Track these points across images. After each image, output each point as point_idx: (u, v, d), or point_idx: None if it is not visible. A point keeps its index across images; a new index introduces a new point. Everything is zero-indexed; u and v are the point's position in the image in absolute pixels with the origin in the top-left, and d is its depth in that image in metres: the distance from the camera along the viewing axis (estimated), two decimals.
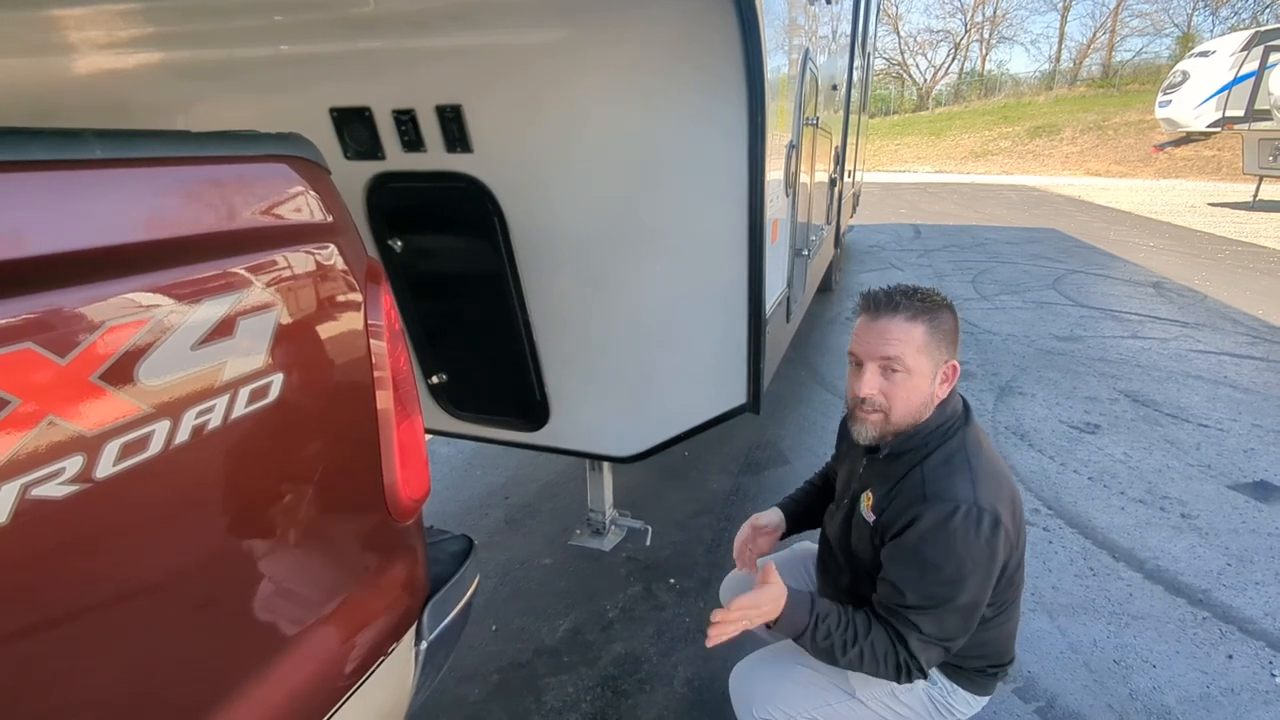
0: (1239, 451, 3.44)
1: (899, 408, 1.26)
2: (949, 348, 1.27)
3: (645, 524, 2.72)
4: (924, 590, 1.19)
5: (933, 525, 1.17)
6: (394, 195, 1.95)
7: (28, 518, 0.60)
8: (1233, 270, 7.78)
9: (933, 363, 1.25)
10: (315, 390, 0.93)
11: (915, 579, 1.20)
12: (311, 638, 0.97)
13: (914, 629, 1.20)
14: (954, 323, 1.29)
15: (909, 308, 1.24)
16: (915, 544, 1.19)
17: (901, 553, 1.22)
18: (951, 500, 1.18)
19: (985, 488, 1.20)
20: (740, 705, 1.45)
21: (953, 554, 1.16)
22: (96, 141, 0.68)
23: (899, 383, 1.25)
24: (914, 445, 1.29)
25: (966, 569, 1.17)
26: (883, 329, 1.25)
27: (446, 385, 2.35)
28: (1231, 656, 2.12)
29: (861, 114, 6.97)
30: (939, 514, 1.17)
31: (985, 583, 1.20)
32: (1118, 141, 22.51)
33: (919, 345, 1.23)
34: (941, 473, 1.23)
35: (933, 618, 1.19)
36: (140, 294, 0.69)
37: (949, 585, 1.17)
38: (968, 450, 1.26)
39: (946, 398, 1.30)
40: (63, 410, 0.62)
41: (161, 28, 1.70)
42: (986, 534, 1.17)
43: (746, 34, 1.48)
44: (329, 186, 0.98)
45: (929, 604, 1.19)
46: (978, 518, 1.16)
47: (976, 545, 1.16)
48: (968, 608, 1.20)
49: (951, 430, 1.29)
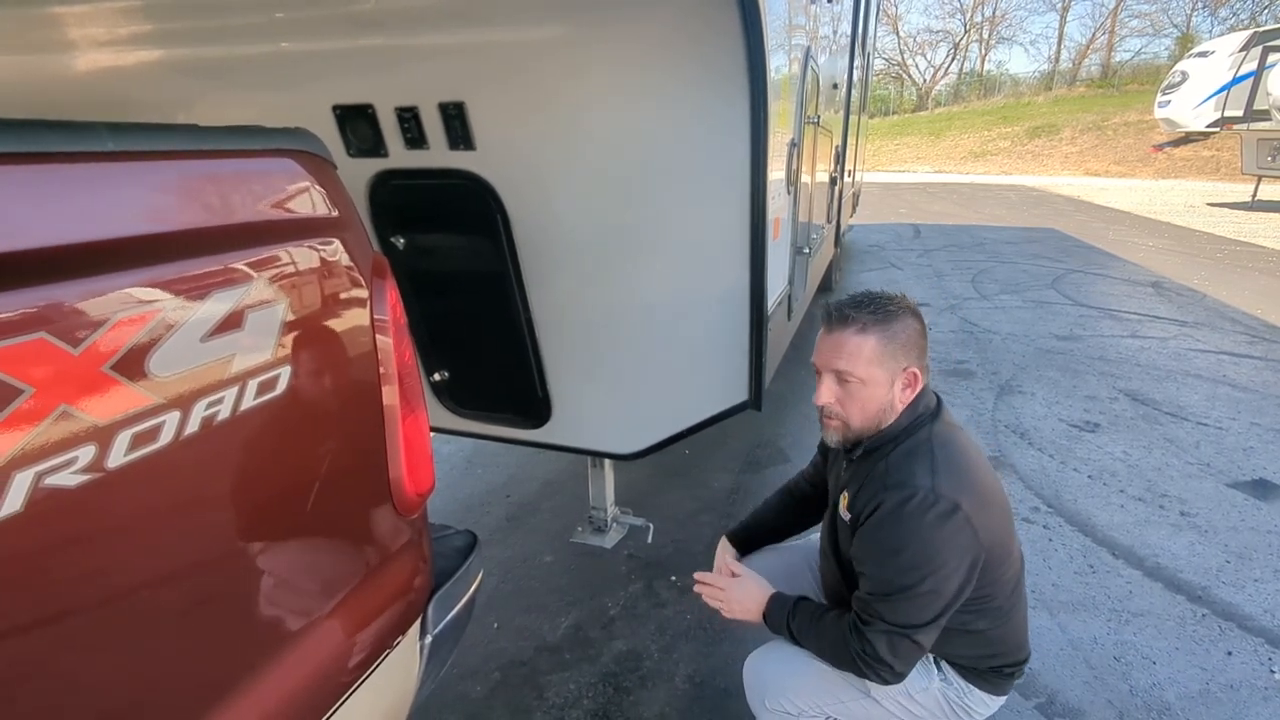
0: (1238, 450, 3.45)
1: (855, 415, 1.31)
2: (906, 355, 1.29)
3: (647, 521, 2.73)
4: (883, 576, 1.22)
5: (889, 511, 1.21)
6: (397, 193, 1.95)
7: (41, 506, 0.61)
8: (1231, 270, 7.79)
9: (887, 372, 1.28)
10: (322, 383, 0.93)
11: (874, 566, 1.24)
12: (318, 630, 0.97)
13: (876, 618, 1.22)
14: (915, 329, 1.30)
15: (858, 320, 1.26)
16: (873, 530, 1.23)
17: (862, 541, 1.26)
18: (910, 487, 1.20)
19: (945, 476, 1.22)
20: (753, 695, 1.46)
21: (909, 539, 1.19)
22: (109, 135, 0.68)
23: (853, 393, 1.29)
24: (883, 442, 1.32)
25: (923, 555, 1.18)
26: (835, 342, 1.29)
27: (449, 382, 2.36)
28: (1231, 653, 2.12)
29: (861, 114, 6.98)
30: (895, 500, 1.20)
31: (949, 573, 1.19)
32: (1117, 142, 22.53)
33: (869, 357, 1.26)
34: (903, 462, 1.26)
35: (892, 605, 1.21)
36: (151, 286, 0.70)
37: (908, 571, 1.19)
38: (933, 442, 1.28)
39: (918, 397, 1.33)
40: (75, 400, 0.63)
41: (164, 25, 1.71)
42: (941, 519, 1.18)
43: (749, 31, 1.49)
44: (335, 181, 0.98)
45: (889, 590, 1.21)
46: (933, 503, 1.18)
47: (932, 531, 1.18)
48: (929, 595, 1.19)
49: (918, 426, 1.31)
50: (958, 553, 1.20)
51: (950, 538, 1.18)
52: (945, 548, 1.19)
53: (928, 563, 1.18)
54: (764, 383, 2.00)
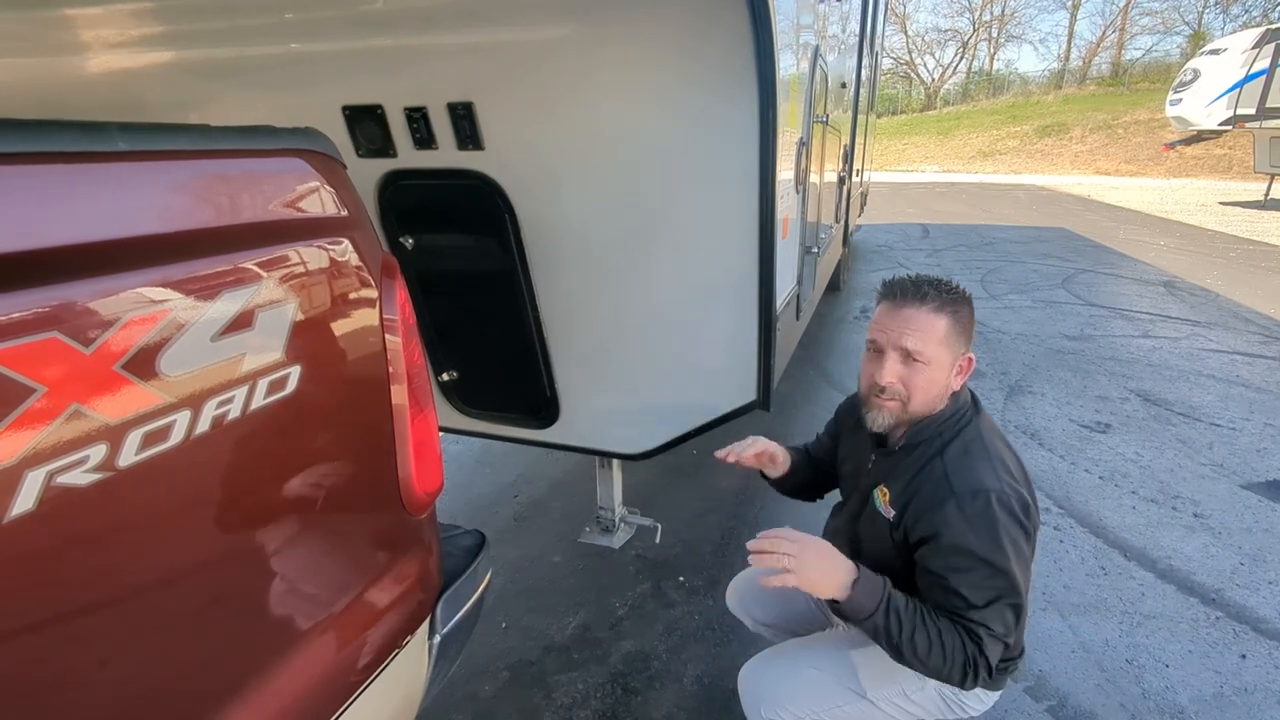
0: (1252, 451, 3.41)
1: (917, 397, 1.26)
2: (966, 341, 1.28)
3: (655, 522, 2.72)
4: (982, 587, 1.16)
5: (970, 519, 1.16)
6: (405, 193, 1.96)
7: (53, 505, 0.61)
8: (1245, 269, 7.72)
9: (952, 355, 1.26)
10: (331, 383, 0.94)
11: (971, 579, 1.16)
12: (328, 629, 0.97)
13: (984, 628, 1.16)
14: (971, 316, 1.29)
15: (935, 298, 1.24)
16: (958, 542, 1.17)
17: (946, 555, 1.18)
18: (981, 490, 1.18)
19: (1006, 472, 1.21)
20: (749, 705, 1.44)
21: (999, 544, 1.15)
22: (120, 135, 0.68)
23: (918, 372, 1.25)
24: (928, 436, 1.29)
25: (1013, 557, 1.16)
26: (907, 318, 1.24)
27: (457, 382, 2.36)
28: (1245, 656, 2.10)
29: (869, 113, 6.96)
30: (974, 507, 1.17)
31: (1028, 567, 1.20)
32: (1127, 140, 22.36)
33: (940, 337, 1.23)
34: (963, 464, 1.22)
35: (996, 613, 1.16)
36: (162, 286, 0.70)
37: (1003, 576, 1.16)
38: (983, 438, 1.26)
39: (957, 389, 1.31)
40: (87, 399, 0.63)
41: (174, 26, 1.72)
42: (1020, 517, 1.17)
43: (758, 30, 1.48)
44: (345, 181, 0.99)
45: (991, 599, 1.16)
46: (1009, 503, 1.17)
47: (1016, 530, 1.17)
48: (1022, 595, 1.18)
49: (964, 420, 1.29)
50: (1034, 546, 1.20)
51: (1029, 534, 1.19)
52: (1028, 544, 1.19)
53: (1017, 562, 1.17)
54: (773, 382, 1.99)
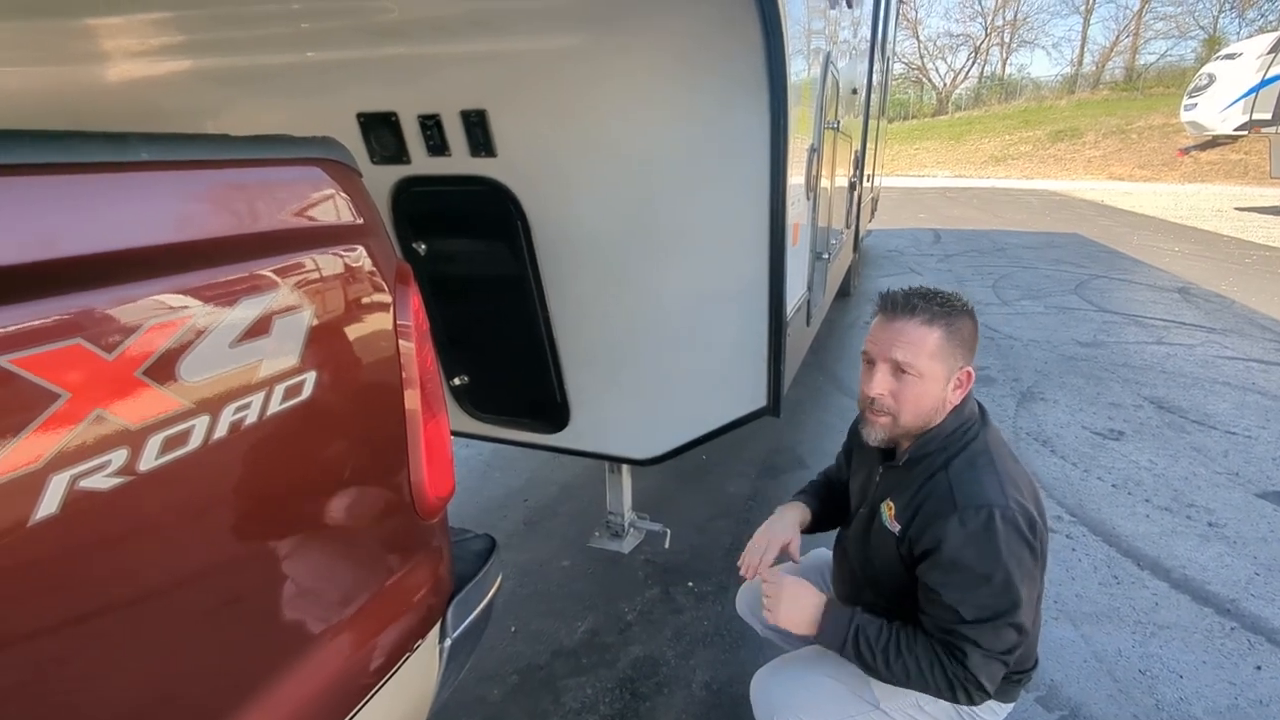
0: (1267, 459, 3.38)
1: (908, 410, 1.25)
2: (964, 354, 1.26)
3: (664, 527, 2.72)
4: (978, 603, 1.14)
5: (972, 534, 1.15)
6: (419, 199, 1.98)
7: (76, 508, 0.62)
8: (1261, 275, 7.64)
9: (946, 368, 1.24)
10: (346, 388, 0.95)
11: (967, 594, 1.15)
12: (340, 633, 0.98)
13: (974, 645, 1.15)
14: (972, 328, 1.27)
15: (926, 311, 1.23)
16: (956, 557, 1.15)
17: (944, 569, 1.17)
18: (985, 505, 1.16)
19: (1012, 486, 1.19)
20: (761, 713, 1.43)
21: (999, 561, 1.13)
22: (142, 145, 0.70)
23: (909, 385, 1.24)
24: (932, 450, 1.27)
25: (1015, 574, 1.13)
26: (897, 330, 1.24)
27: (468, 387, 2.37)
28: (1260, 667, 2.08)
29: (880, 118, 6.95)
30: (976, 521, 1.15)
31: (1034, 585, 1.17)
32: (1141, 145, 22.17)
33: (932, 350, 1.22)
34: (968, 477, 1.20)
35: (992, 630, 1.14)
36: (182, 293, 0.71)
37: (1002, 594, 1.13)
38: (990, 452, 1.24)
39: (962, 402, 1.29)
40: (109, 405, 0.64)
41: (195, 36, 1.74)
42: (1026, 534, 1.15)
43: (769, 37, 1.49)
44: (360, 189, 1.00)
45: (986, 617, 1.14)
46: (1014, 519, 1.15)
47: (1019, 547, 1.14)
48: (1024, 614, 1.15)
49: (970, 434, 1.27)
50: (1040, 563, 1.18)
51: (1035, 551, 1.16)
52: (1033, 561, 1.16)
53: (1020, 579, 1.14)
54: (783, 388, 1.99)
